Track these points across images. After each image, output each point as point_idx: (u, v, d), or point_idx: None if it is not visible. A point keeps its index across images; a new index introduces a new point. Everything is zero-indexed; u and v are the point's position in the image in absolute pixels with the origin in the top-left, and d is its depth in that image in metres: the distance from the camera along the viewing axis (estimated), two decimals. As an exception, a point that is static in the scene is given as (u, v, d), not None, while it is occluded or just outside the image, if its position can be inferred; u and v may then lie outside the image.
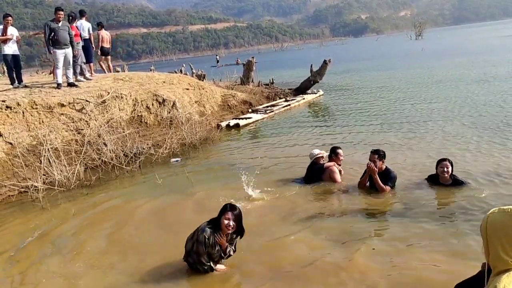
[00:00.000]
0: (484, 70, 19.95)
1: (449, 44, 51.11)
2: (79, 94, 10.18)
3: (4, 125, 8.51)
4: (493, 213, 1.83)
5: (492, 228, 1.81)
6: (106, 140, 9.28)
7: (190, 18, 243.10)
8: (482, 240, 1.87)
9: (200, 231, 4.16)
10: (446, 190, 5.98)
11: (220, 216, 4.19)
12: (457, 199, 5.74)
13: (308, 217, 5.57)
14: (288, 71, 34.13)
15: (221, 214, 4.18)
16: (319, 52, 70.17)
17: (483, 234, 1.88)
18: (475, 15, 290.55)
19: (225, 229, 4.15)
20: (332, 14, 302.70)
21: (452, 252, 4.32)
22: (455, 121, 10.29)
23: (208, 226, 4.18)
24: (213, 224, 4.22)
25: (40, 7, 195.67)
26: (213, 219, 4.26)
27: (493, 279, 1.81)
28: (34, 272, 4.80)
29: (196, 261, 4.22)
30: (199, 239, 4.12)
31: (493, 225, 1.80)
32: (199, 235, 4.14)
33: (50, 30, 10.24)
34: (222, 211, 4.20)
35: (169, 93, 12.21)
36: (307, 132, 11.15)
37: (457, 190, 5.93)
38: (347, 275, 4.09)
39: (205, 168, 8.58)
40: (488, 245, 1.83)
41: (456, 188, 5.96)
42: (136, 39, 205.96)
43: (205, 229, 4.15)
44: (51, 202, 7.26)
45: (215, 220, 4.23)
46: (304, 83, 18.84)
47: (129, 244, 5.39)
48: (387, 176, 6.15)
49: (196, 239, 4.15)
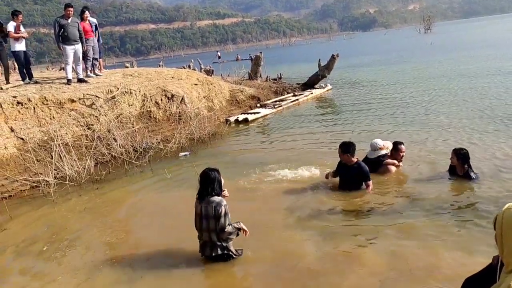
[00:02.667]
0: (498, 64, 19.73)
1: (458, 38, 50.54)
2: (89, 89, 10.25)
3: (16, 121, 8.61)
4: (509, 208, 1.80)
5: (508, 224, 1.78)
6: (116, 135, 9.36)
7: (198, 14, 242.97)
8: (495, 234, 1.85)
9: (217, 206, 4.24)
10: (457, 184, 5.97)
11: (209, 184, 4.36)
12: (467, 193, 5.72)
13: (316, 211, 5.59)
14: (296, 66, 34.01)
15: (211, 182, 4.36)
16: (327, 46, 69.79)
17: (497, 230, 1.85)
18: (485, 8, 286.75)
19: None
20: (340, 9, 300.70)
21: (461, 246, 4.31)
22: (467, 113, 10.22)
23: (215, 197, 4.30)
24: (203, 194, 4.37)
25: (50, 3, 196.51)
26: (200, 192, 4.40)
27: (506, 277, 1.79)
28: (46, 266, 4.88)
29: (226, 235, 4.29)
30: (225, 210, 4.25)
31: (510, 220, 1.78)
32: (219, 207, 4.23)
33: (60, 27, 10.30)
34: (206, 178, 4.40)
35: (178, 88, 12.25)
36: (316, 126, 11.13)
37: (467, 184, 5.90)
38: (358, 269, 4.11)
39: (213, 162, 8.58)
40: (503, 241, 1.81)
41: (467, 182, 5.93)
42: (145, 35, 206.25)
43: (220, 201, 4.29)
44: (62, 196, 7.36)
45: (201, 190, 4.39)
46: (312, 78, 18.77)
47: (139, 238, 5.45)
48: (362, 173, 6.03)
49: (220, 214, 4.22)
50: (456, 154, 6.05)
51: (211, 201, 4.30)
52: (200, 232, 4.43)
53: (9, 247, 5.47)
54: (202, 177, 4.41)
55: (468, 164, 6.03)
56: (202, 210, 4.32)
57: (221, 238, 4.31)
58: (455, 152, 6.06)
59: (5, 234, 5.93)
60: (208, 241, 4.36)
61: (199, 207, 4.36)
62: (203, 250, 4.44)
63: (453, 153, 6.09)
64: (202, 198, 4.37)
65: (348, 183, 6.14)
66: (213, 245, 4.34)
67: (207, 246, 4.38)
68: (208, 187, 4.34)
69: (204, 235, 4.38)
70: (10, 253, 5.31)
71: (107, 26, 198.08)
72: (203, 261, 4.50)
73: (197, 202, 4.42)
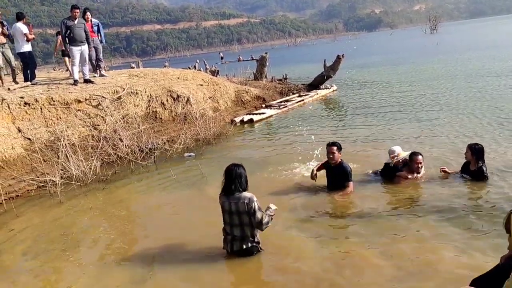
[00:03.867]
0: (505, 64, 19.62)
1: (465, 38, 50.26)
2: (95, 90, 10.32)
3: (23, 121, 8.68)
4: None
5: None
6: (121, 136, 9.41)
7: (203, 14, 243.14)
8: (505, 234, 1.85)
9: (249, 202, 4.29)
10: (469, 183, 5.95)
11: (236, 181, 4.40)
12: (476, 193, 5.68)
13: (318, 212, 5.60)
14: (301, 66, 33.99)
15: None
16: (332, 47, 69.65)
17: (508, 228, 1.85)
18: (491, 8, 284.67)
19: None
20: (345, 9, 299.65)
21: (468, 246, 4.29)
22: (474, 115, 10.18)
23: (245, 193, 4.35)
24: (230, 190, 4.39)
25: (57, 4, 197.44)
26: (225, 188, 4.43)
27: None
28: (54, 265, 4.92)
29: (265, 226, 4.37)
30: (257, 205, 4.31)
31: None
32: (251, 203, 4.28)
33: (66, 28, 10.38)
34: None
35: (183, 89, 12.29)
36: (321, 127, 11.13)
37: (477, 184, 5.87)
38: (364, 270, 4.11)
39: (219, 163, 8.58)
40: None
41: (477, 181, 5.91)
42: (151, 36, 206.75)
43: (251, 196, 4.33)
44: (69, 196, 7.41)
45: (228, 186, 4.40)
46: (317, 78, 18.75)
47: (146, 237, 5.48)
48: (344, 173, 6.07)
49: (254, 209, 4.28)
50: (470, 149, 6.05)
51: (242, 197, 4.33)
52: (230, 228, 4.42)
53: (16, 247, 5.51)
54: (228, 173, 4.43)
55: (482, 160, 6.00)
56: (231, 206, 4.35)
57: (254, 232, 4.39)
58: (470, 147, 6.07)
59: (12, 234, 5.97)
60: (238, 236, 4.38)
61: (227, 203, 4.38)
62: (232, 245, 4.44)
63: (468, 147, 6.10)
64: (228, 194, 4.39)
65: (335, 182, 6.18)
66: (244, 238, 4.38)
67: (237, 240, 4.40)
68: (235, 182, 4.37)
69: (235, 230, 4.38)
70: (18, 253, 5.35)
71: (113, 27, 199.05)
72: (215, 256, 4.53)
73: (223, 198, 4.43)
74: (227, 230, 4.47)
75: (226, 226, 4.47)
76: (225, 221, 4.46)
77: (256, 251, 4.47)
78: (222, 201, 4.45)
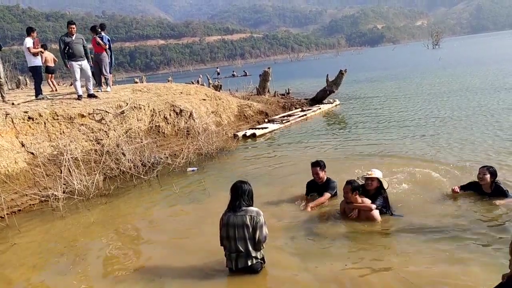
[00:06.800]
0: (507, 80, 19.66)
1: (467, 54, 50.42)
2: (98, 104, 10.39)
3: (27, 136, 8.73)
4: None
5: None
6: (124, 150, 9.43)
7: (207, 30, 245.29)
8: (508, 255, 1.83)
9: (256, 215, 4.33)
10: (478, 202, 5.82)
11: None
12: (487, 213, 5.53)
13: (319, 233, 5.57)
14: (304, 81, 34.13)
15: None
16: (335, 61, 69.99)
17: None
18: (494, 24, 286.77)
19: None
20: (348, 24, 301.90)
21: (473, 263, 4.26)
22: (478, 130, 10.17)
23: (252, 208, 4.40)
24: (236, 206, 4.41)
25: (62, 20, 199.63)
26: (231, 205, 4.46)
27: None
28: (56, 280, 4.89)
29: (264, 242, 4.40)
30: (262, 220, 4.36)
31: None
32: (259, 217, 4.33)
33: (65, 44, 10.52)
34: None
35: (186, 103, 12.36)
36: (324, 142, 11.12)
37: (490, 202, 5.72)
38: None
39: (221, 178, 8.62)
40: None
41: (492, 199, 5.73)
42: (154, 51, 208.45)
43: (258, 210, 4.38)
44: (71, 210, 7.41)
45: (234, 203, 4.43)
46: (320, 93, 18.83)
47: (148, 251, 5.45)
48: (330, 187, 6.41)
49: (261, 223, 4.32)
50: (489, 171, 5.76)
51: (249, 210, 4.36)
52: (233, 242, 4.36)
53: (19, 261, 5.49)
54: (234, 189, 4.47)
55: (495, 180, 5.81)
56: (237, 219, 4.34)
57: (257, 247, 4.38)
58: (489, 170, 5.78)
59: (14, 249, 5.96)
60: (242, 251, 4.34)
61: (233, 217, 4.36)
62: (236, 262, 4.39)
63: (486, 170, 5.78)
64: (234, 209, 4.39)
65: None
66: (248, 254, 4.35)
67: (241, 257, 4.36)
68: (241, 198, 4.40)
69: (239, 245, 4.33)
70: (20, 268, 5.33)
71: (118, 42, 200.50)
72: (218, 273, 4.53)
73: (229, 213, 4.42)
74: (230, 246, 4.40)
75: (230, 242, 4.39)
76: (228, 236, 4.38)
77: (261, 268, 4.46)
78: (227, 216, 4.41)
